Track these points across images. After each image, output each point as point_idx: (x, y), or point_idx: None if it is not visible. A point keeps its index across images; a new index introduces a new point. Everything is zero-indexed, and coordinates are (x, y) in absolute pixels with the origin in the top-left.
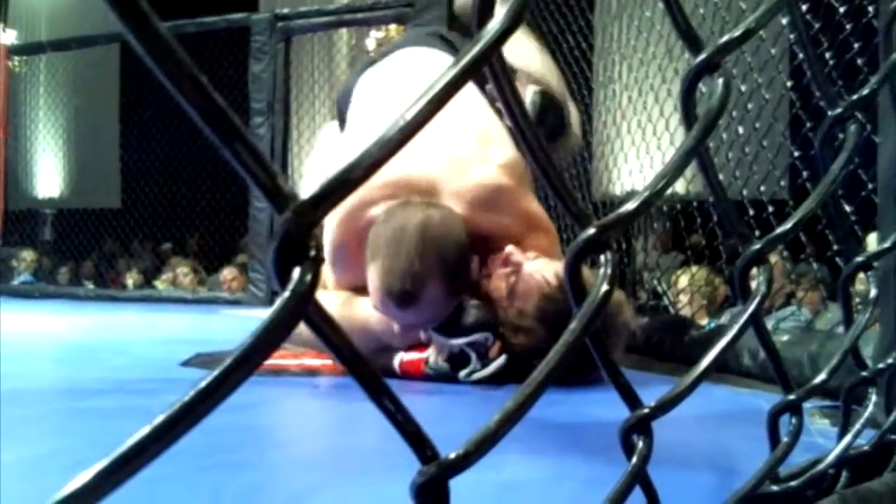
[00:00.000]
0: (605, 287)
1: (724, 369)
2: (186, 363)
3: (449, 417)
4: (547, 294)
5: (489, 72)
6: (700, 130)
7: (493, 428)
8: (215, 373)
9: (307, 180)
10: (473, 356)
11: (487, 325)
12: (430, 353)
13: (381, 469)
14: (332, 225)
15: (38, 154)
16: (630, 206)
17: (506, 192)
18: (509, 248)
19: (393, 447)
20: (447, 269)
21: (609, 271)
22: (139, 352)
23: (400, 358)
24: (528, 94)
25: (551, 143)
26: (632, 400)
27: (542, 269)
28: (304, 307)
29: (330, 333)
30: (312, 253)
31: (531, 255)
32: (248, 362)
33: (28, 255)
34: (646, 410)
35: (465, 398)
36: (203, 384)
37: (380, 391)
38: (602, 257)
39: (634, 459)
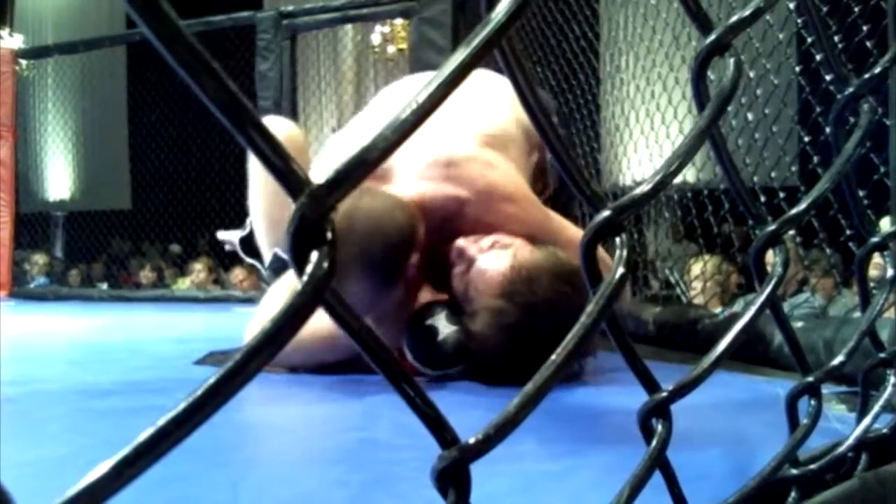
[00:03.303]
0: (621, 270)
1: (738, 357)
2: (201, 362)
3: (462, 407)
4: (493, 305)
5: (499, 54)
6: (713, 110)
7: (512, 412)
8: (237, 357)
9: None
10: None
11: (459, 350)
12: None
13: (394, 462)
14: None
15: (47, 157)
16: (645, 187)
17: (459, 163)
18: (459, 242)
19: (403, 441)
20: (372, 259)
21: (625, 254)
22: (154, 351)
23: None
24: None
25: None
26: (650, 384)
27: (490, 265)
28: (322, 292)
29: (349, 319)
30: (329, 237)
31: (486, 244)
32: (268, 347)
33: (40, 258)
34: (664, 394)
35: (473, 390)
36: (224, 369)
37: (400, 377)
38: (617, 240)
39: (654, 443)
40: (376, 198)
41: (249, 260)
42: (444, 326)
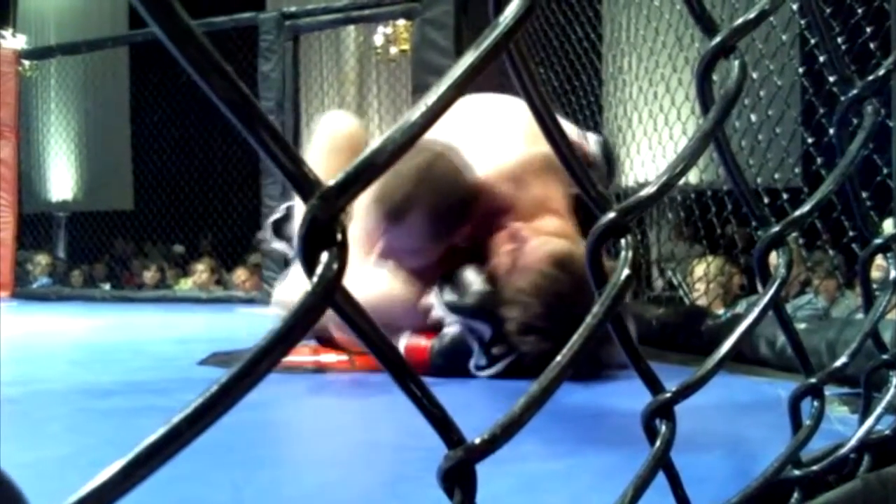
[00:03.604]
0: (626, 271)
1: (741, 358)
2: (204, 362)
3: (466, 408)
4: (546, 270)
5: (507, 57)
6: (718, 112)
7: (518, 412)
8: (248, 356)
9: None
10: (476, 347)
11: (487, 309)
12: (435, 341)
13: (399, 462)
14: None
15: (50, 157)
16: (650, 189)
17: (529, 170)
18: (516, 225)
19: (408, 441)
20: (437, 205)
21: (630, 255)
22: (156, 352)
23: (405, 341)
24: (592, 141)
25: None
26: (654, 384)
27: (545, 244)
28: (331, 293)
29: (357, 318)
30: (339, 238)
31: (536, 234)
32: (278, 347)
33: (43, 258)
34: (668, 394)
35: (477, 390)
36: (237, 368)
37: (406, 376)
38: (623, 241)
39: (658, 444)
40: (453, 158)
41: (275, 244)
42: (479, 283)
